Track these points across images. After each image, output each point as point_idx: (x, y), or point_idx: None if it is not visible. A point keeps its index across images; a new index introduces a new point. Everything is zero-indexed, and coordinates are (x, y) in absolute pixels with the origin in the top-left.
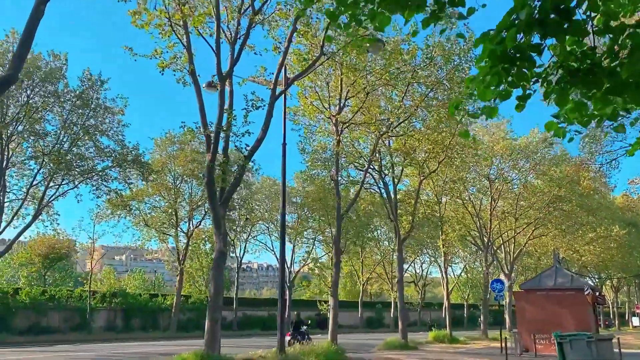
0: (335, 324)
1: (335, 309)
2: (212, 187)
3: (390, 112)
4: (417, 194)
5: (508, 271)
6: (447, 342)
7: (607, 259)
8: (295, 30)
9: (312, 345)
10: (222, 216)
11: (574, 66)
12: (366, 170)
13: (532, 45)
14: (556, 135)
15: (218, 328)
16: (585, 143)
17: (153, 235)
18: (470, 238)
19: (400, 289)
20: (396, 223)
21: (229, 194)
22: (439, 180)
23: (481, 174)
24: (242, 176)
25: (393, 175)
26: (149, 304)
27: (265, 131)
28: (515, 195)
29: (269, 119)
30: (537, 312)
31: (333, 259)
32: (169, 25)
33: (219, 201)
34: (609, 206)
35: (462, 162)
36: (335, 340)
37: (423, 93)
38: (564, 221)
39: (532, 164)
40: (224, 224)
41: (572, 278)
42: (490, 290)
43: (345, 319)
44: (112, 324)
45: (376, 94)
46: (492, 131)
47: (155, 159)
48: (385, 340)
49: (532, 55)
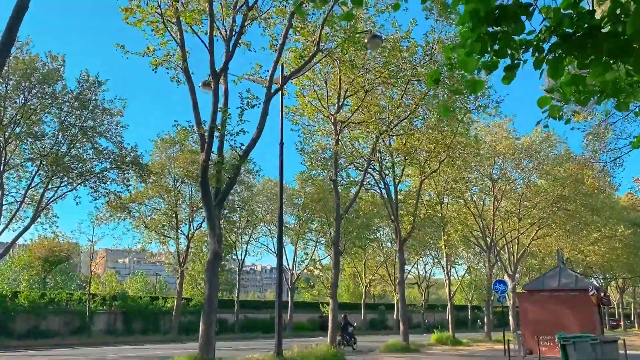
0: (334, 326)
1: (335, 310)
2: (206, 187)
3: (390, 110)
4: (418, 193)
5: (512, 272)
6: (449, 345)
7: (612, 259)
8: (291, 26)
9: (310, 347)
10: (216, 216)
11: (569, 31)
12: (365, 170)
13: (520, 5)
14: (551, 114)
15: (213, 331)
16: (589, 141)
17: (153, 237)
18: (473, 239)
19: (401, 291)
20: (397, 224)
21: (223, 194)
22: (440, 180)
23: (484, 174)
24: (237, 176)
25: (394, 176)
26: (149, 307)
27: (260, 130)
28: (519, 195)
29: (264, 118)
30: (541, 313)
31: (332, 260)
32: (162, 23)
33: (213, 201)
34: (613, 206)
35: (464, 161)
36: (334, 343)
37: (423, 91)
38: (568, 221)
39: (535, 164)
40: (219, 224)
41: (576, 278)
42: (493, 292)
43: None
44: (112, 327)
45: (376, 92)
46: (494, 130)
47: (155, 161)
48: (387, 343)
49: (521, 18)
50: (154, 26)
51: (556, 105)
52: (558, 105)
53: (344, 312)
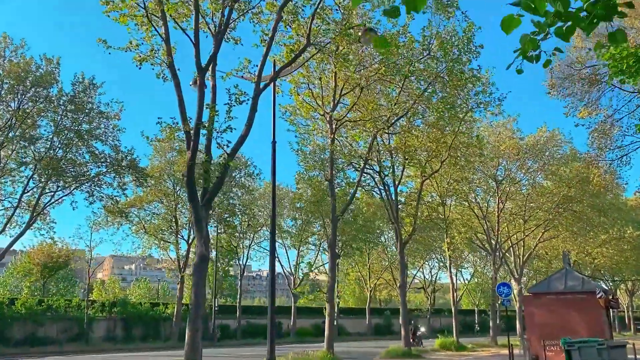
0: (331, 332)
1: (332, 315)
2: (192, 187)
3: (387, 108)
4: (419, 195)
5: (518, 275)
6: (453, 350)
7: (621, 262)
8: (281, 19)
9: (306, 354)
10: (204, 218)
11: None
12: (362, 170)
13: None
14: (524, 49)
15: (199, 338)
16: (594, 138)
17: (154, 243)
18: (478, 241)
19: (402, 295)
20: (397, 225)
21: (211, 195)
22: (443, 181)
23: (487, 175)
24: (225, 175)
25: (394, 177)
26: (149, 313)
27: (249, 127)
28: (524, 197)
29: (252, 114)
30: (547, 317)
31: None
32: (146, 16)
33: (200, 202)
34: (621, 207)
35: (467, 162)
36: (331, 349)
37: (421, 88)
38: (575, 222)
39: (540, 164)
40: (206, 226)
41: (583, 281)
42: (497, 295)
43: (353, 326)
44: (112, 334)
45: (373, 90)
46: (497, 130)
47: (154, 165)
48: (387, 349)
49: None
50: (139, 20)
51: (530, 37)
52: (534, 38)
53: (349, 317)
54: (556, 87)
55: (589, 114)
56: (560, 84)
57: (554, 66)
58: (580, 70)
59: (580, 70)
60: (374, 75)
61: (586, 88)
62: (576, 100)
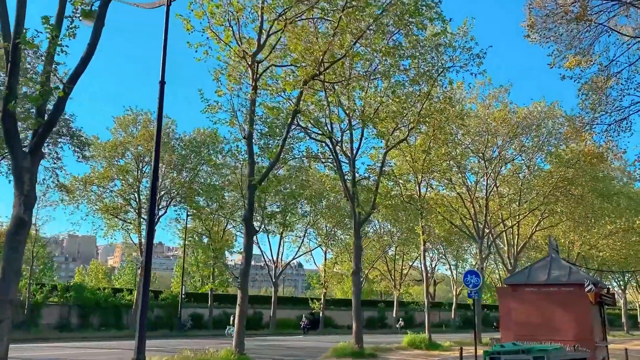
0: (241, 325)
1: (242, 305)
2: (10, 124)
3: (319, 47)
4: (381, 167)
5: (511, 266)
6: (423, 348)
7: (630, 255)
8: None
9: (205, 352)
10: (26, 169)
11: None
12: (289, 125)
13: None
14: None
15: (5, 330)
16: (585, 93)
17: (115, 224)
18: (464, 227)
19: (356, 283)
20: (352, 203)
21: (40, 138)
22: (419, 157)
23: (473, 151)
24: (60, 112)
25: (351, 146)
26: (109, 300)
27: (92, 46)
28: (518, 179)
29: (99, 28)
30: (527, 313)
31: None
32: None
33: (22, 146)
34: (631, 196)
35: (442, 133)
36: (239, 347)
37: (368, 23)
38: (575, 209)
39: (536, 142)
40: (30, 180)
41: (570, 270)
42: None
43: (343, 318)
44: (64, 322)
45: (305, 28)
46: (487, 102)
47: (117, 140)
48: (334, 347)
49: None
50: None
51: None
52: None
53: (340, 308)
54: (536, 27)
55: (578, 63)
56: (543, 24)
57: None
58: (566, 4)
59: (566, 4)
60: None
61: (574, 31)
62: (562, 47)
